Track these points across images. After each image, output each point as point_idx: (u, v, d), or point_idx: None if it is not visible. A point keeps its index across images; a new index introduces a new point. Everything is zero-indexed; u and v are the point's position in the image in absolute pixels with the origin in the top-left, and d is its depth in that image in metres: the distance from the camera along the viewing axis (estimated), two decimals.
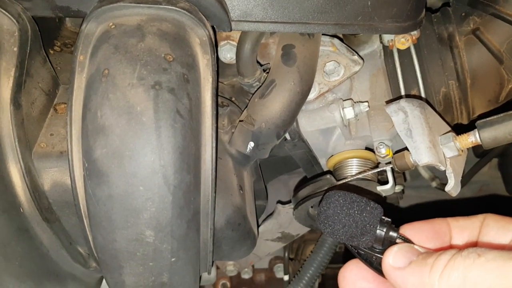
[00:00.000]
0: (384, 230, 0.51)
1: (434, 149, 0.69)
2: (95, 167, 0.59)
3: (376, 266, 0.52)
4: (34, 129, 0.69)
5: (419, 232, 0.52)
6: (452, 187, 0.71)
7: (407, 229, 0.52)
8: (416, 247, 0.49)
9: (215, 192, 0.67)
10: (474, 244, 0.50)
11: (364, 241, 0.51)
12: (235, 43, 0.81)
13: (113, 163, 0.59)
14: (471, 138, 0.70)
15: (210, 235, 0.69)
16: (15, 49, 0.65)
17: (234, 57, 0.81)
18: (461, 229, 0.52)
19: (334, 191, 0.53)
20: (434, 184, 1.31)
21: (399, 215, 0.56)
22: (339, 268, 0.56)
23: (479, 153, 1.20)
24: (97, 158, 0.59)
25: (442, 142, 0.71)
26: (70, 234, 0.72)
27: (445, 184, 1.21)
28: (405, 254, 0.47)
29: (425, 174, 1.30)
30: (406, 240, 0.51)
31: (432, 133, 0.71)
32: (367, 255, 0.52)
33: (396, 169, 0.75)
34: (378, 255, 0.51)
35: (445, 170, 0.71)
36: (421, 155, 0.69)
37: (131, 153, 0.59)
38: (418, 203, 1.42)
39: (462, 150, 0.72)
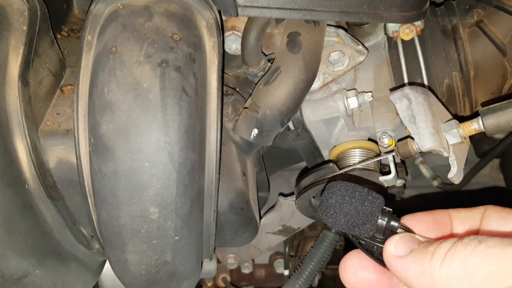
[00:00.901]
0: (386, 219, 0.51)
1: (438, 135, 0.70)
2: (101, 143, 0.60)
3: (377, 256, 0.52)
4: (41, 107, 0.69)
5: (420, 222, 0.52)
6: (455, 174, 0.71)
7: (408, 220, 0.52)
8: (417, 236, 0.49)
9: (219, 174, 0.67)
10: (475, 234, 0.49)
11: (365, 230, 0.51)
12: (240, 34, 0.81)
13: (119, 138, 0.59)
14: (474, 125, 0.70)
15: (213, 217, 0.69)
16: (24, 28, 0.66)
17: (239, 48, 0.82)
18: (462, 220, 0.52)
19: (336, 181, 0.53)
20: (435, 183, 1.31)
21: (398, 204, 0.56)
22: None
23: (481, 153, 1.20)
24: (103, 133, 0.60)
25: (446, 129, 0.71)
26: (74, 214, 0.72)
27: (446, 184, 1.21)
28: (406, 243, 0.47)
29: (426, 173, 1.30)
30: (407, 230, 0.51)
31: (436, 119, 0.72)
32: (368, 245, 0.53)
33: (399, 157, 0.75)
34: (379, 245, 0.51)
35: (446, 165, 0.71)
36: (424, 140, 0.69)
37: (137, 129, 0.59)
38: (419, 200, 1.42)
39: (465, 138, 0.72)
